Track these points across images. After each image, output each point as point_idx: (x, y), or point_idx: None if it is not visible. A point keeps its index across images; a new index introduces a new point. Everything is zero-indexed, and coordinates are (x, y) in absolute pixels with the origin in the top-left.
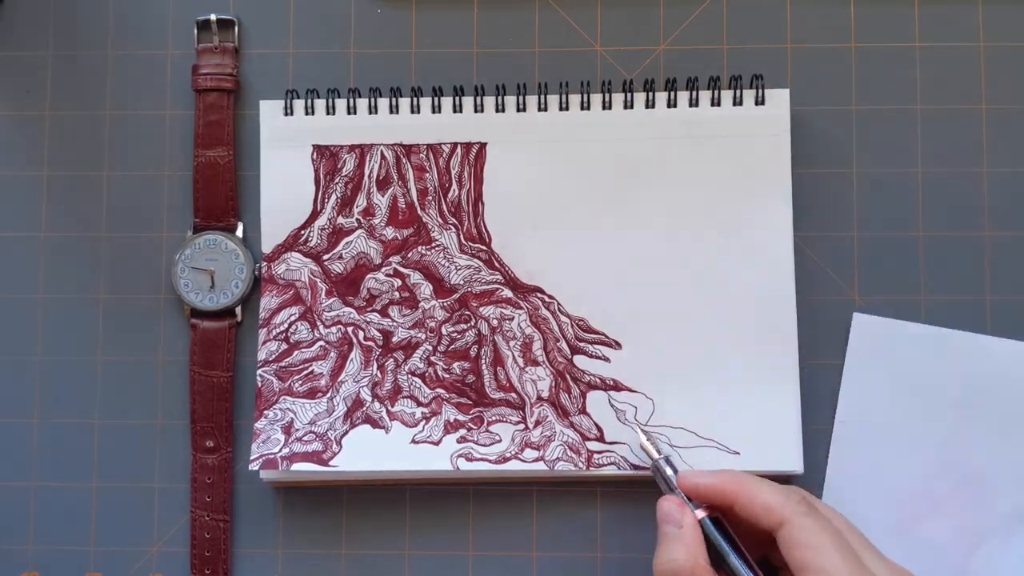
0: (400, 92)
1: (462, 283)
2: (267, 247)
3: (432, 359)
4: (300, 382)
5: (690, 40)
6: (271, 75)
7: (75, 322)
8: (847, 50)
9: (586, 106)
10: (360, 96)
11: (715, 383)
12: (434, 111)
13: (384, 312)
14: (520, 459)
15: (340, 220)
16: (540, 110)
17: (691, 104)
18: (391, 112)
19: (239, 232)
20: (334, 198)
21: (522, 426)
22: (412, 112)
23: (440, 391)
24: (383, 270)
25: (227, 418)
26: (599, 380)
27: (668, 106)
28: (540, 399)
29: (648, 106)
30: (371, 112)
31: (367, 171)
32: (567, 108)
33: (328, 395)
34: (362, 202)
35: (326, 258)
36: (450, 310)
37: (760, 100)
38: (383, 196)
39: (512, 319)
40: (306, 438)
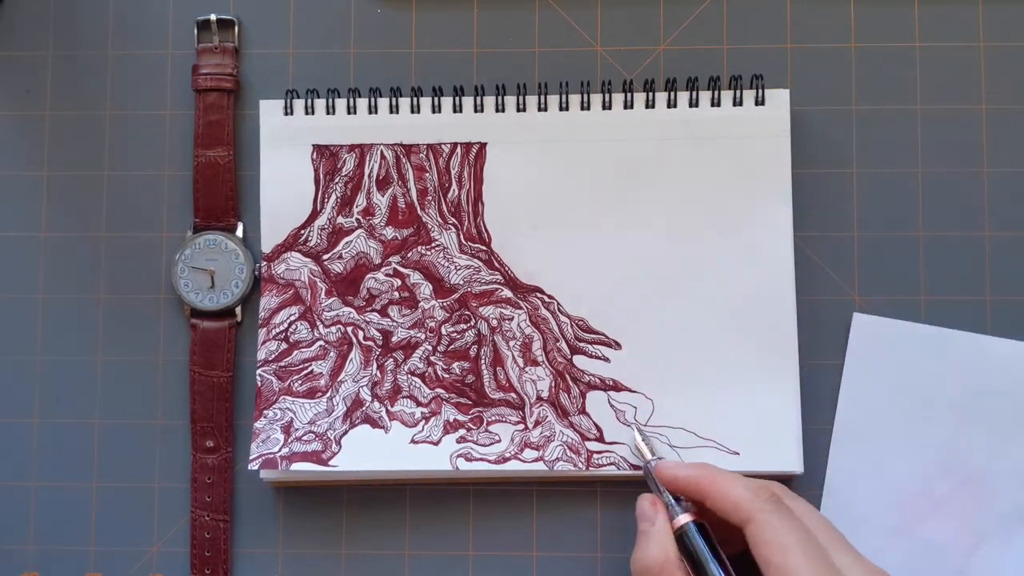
0: (400, 92)
1: (462, 283)
2: (267, 247)
3: (432, 359)
4: (300, 382)
5: (690, 40)
6: (271, 75)
7: (75, 322)
8: (847, 50)
9: (586, 106)
10: (360, 96)
11: (715, 383)
12: (434, 111)
13: (384, 312)
14: (519, 459)
15: (340, 220)
16: (540, 110)
17: (691, 105)
18: (391, 112)
19: (239, 232)
20: (334, 198)
21: (521, 426)
22: (412, 112)
23: (440, 391)
24: (383, 270)
25: (227, 418)
26: (599, 380)
27: (668, 106)
28: (540, 399)
29: (648, 106)
30: (371, 112)
31: (367, 171)
32: (567, 108)
33: (328, 395)
34: (362, 202)
35: (326, 258)
36: (450, 310)
37: (760, 100)
38: (383, 196)
39: (512, 319)
40: (305, 438)
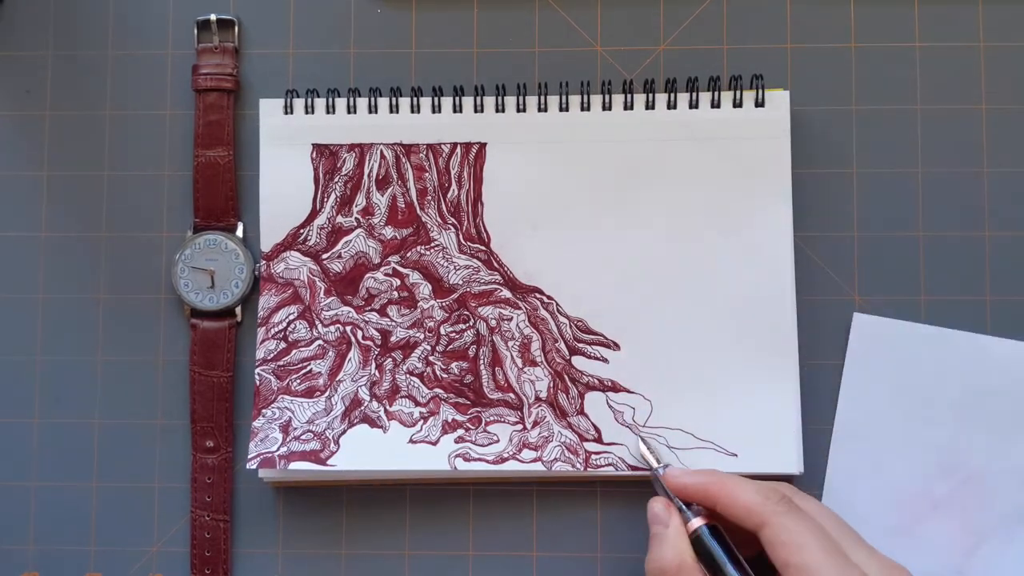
0: (400, 92)
1: (461, 283)
2: (266, 246)
3: (430, 359)
4: (298, 381)
5: (690, 40)
6: (271, 75)
7: (75, 322)
8: (847, 50)
9: (586, 107)
10: (360, 96)
11: (714, 384)
12: (434, 111)
13: (383, 311)
14: (518, 459)
15: (339, 219)
16: (540, 110)
17: (691, 106)
18: (391, 112)
19: (239, 232)
20: (333, 197)
21: (520, 426)
22: (412, 112)
23: (438, 391)
24: (382, 269)
25: (227, 418)
26: (597, 381)
27: (668, 108)
28: (538, 399)
29: (648, 107)
30: (371, 112)
31: (367, 170)
32: (567, 108)
33: (326, 394)
34: (361, 201)
35: (325, 257)
36: (449, 310)
37: (760, 102)
38: (382, 196)
39: (511, 319)
40: (304, 437)
